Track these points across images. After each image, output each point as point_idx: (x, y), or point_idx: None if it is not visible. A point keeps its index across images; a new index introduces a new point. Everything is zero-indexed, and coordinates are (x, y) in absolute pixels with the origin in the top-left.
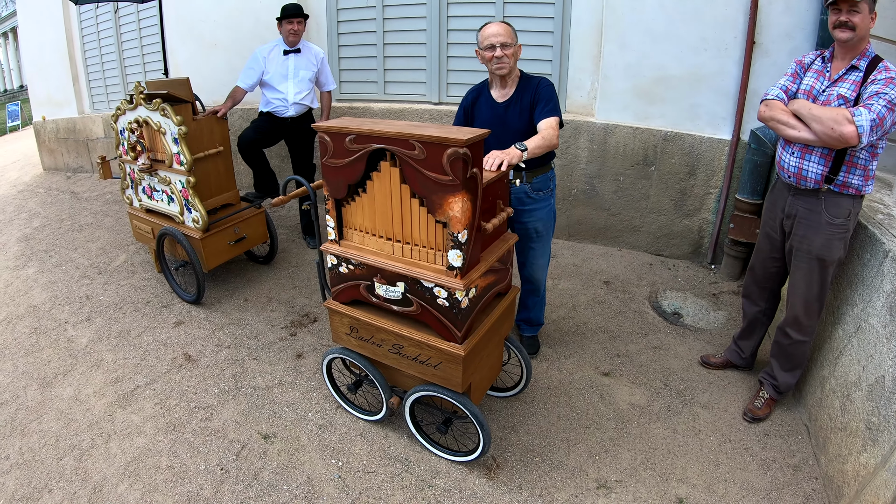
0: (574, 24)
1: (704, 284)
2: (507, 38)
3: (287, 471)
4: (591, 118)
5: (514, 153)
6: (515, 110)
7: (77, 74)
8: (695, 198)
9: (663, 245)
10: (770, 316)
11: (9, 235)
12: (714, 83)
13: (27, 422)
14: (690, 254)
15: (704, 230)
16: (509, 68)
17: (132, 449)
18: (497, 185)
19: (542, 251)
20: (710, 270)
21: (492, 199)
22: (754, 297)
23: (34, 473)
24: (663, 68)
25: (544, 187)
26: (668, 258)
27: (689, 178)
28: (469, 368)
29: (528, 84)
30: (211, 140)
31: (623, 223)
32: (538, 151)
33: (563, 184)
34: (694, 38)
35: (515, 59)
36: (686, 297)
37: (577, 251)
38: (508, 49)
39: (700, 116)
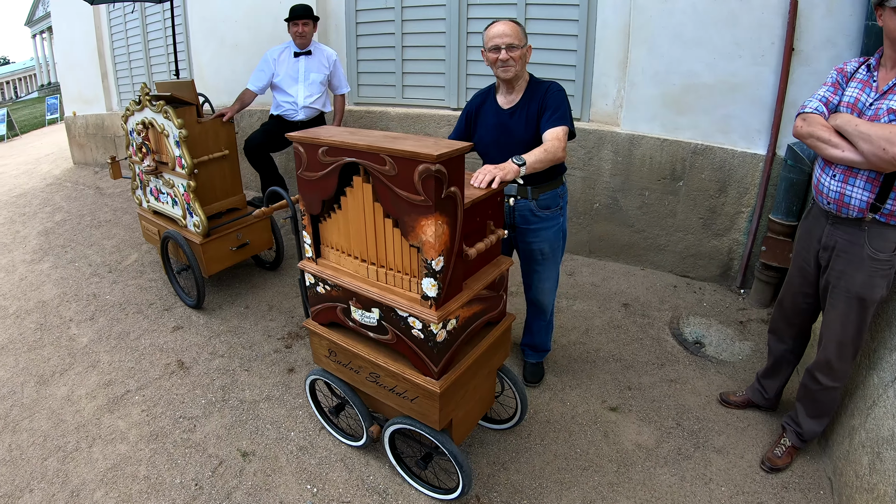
0: (600, 26)
1: (732, 311)
2: (513, 38)
3: (260, 493)
4: (615, 128)
5: (509, 168)
6: (521, 118)
7: (106, 72)
8: (725, 216)
9: (689, 266)
10: (798, 354)
11: (31, 229)
12: (749, 93)
13: (20, 419)
14: (718, 276)
15: (734, 252)
16: (515, 72)
17: (113, 455)
18: (487, 205)
19: (547, 274)
20: (739, 295)
21: (480, 221)
22: (782, 334)
23: (18, 472)
24: (694, 75)
25: (552, 205)
26: (694, 280)
27: (719, 195)
28: (448, 405)
29: (536, 90)
30: (216, 143)
31: (647, 241)
32: (539, 166)
33: (584, 197)
34: (728, 44)
35: (524, 62)
36: (710, 324)
37: (596, 269)
38: (515, 51)
39: (733, 128)
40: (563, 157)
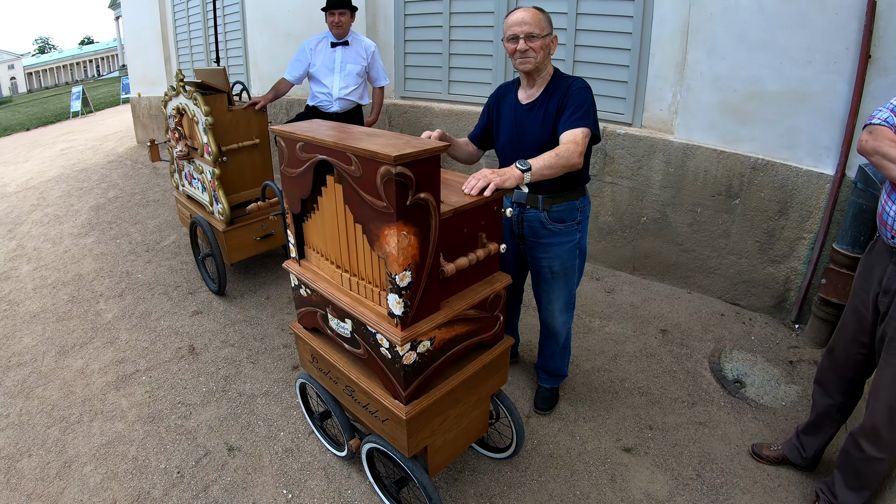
0: (656, 24)
1: (782, 347)
2: (533, 27)
3: (236, 491)
4: (669, 136)
5: (509, 174)
6: (538, 116)
7: (169, 55)
8: (784, 241)
9: (741, 293)
10: (846, 412)
11: (84, 203)
12: (818, 104)
13: (35, 386)
14: (772, 307)
15: (792, 282)
16: (534, 64)
17: (110, 432)
18: (477, 215)
19: (557, 295)
20: (793, 331)
21: (468, 233)
22: (829, 387)
23: (23, 436)
24: (758, 82)
25: (568, 218)
26: (744, 309)
27: (779, 217)
28: (420, 433)
29: (558, 85)
30: (248, 132)
31: (696, 262)
32: (548, 172)
33: (631, 209)
34: (797, 48)
35: (546, 53)
36: (756, 361)
37: (638, 288)
38: (535, 41)
39: (798, 143)
40: (578, 163)
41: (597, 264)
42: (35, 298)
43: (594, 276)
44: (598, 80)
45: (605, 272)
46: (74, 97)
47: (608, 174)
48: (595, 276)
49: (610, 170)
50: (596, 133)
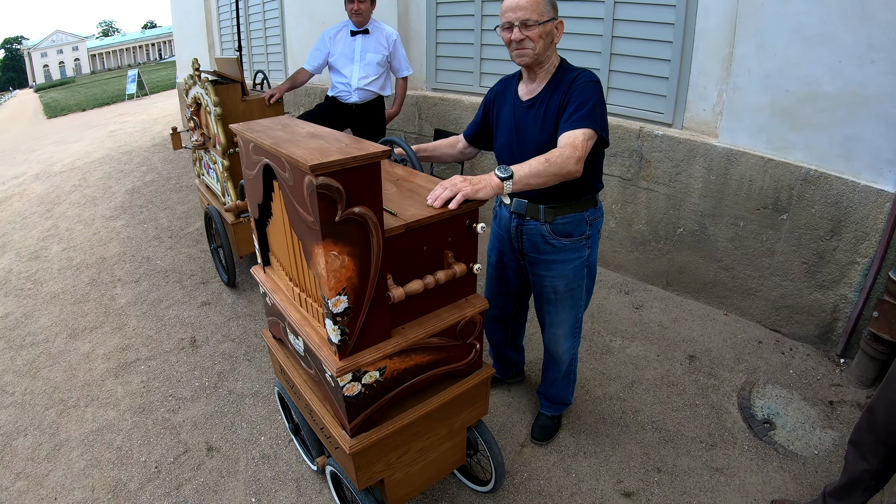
0: (701, 14)
1: (823, 385)
2: (530, 12)
3: (207, 493)
4: (712, 139)
5: (483, 184)
6: (538, 115)
7: (213, 42)
8: (835, 265)
9: (783, 319)
10: (882, 481)
11: (122, 186)
12: (881, 109)
13: (42, 366)
14: (816, 338)
15: (840, 310)
16: (532, 56)
17: (101, 419)
18: (441, 230)
19: (562, 318)
20: (837, 366)
21: (429, 251)
22: (865, 450)
23: (22, 415)
24: (813, 82)
25: (575, 232)
26: (784, 337)
27: (830, 238)
28: (371, 466)
29: (562, 78)
30: None
31: (736, 281)
32: (536, 182)
33: (667, 219)
34: (859, 45)
35: (546, 42)
36: (791, 398)
37: (670, 306)
38: (532, 29)
39: (857, 154)
40: (575, 171)
41: (627, 276)
42: (58, 279)
43: (623, 289)
44: (636, 75)
45: (635, 286)
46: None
47: (643, 179)
48: (624, 289)
49: (646, 174)
50: (602, 135)
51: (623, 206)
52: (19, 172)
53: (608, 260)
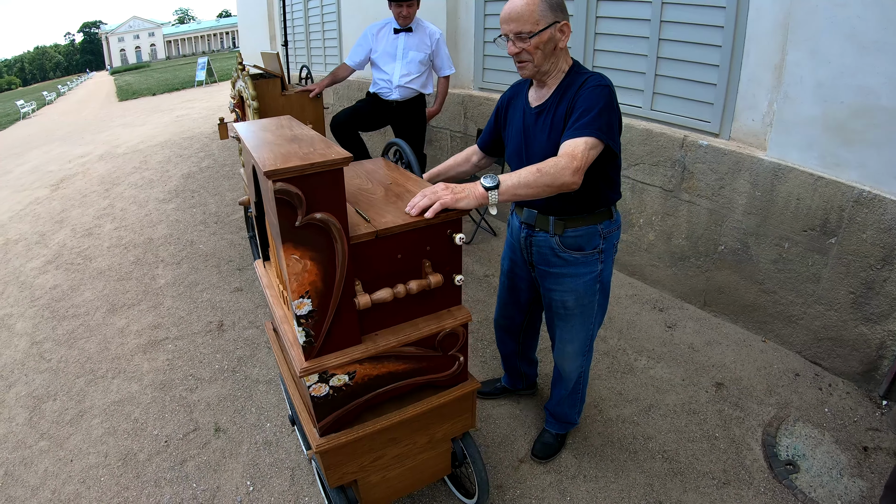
0: (752, 17)
1: (859, 428)
2: (521, 23)
3: (207, 471)
4: (759, 152)
5: (466, 193)
6: (545, 123)
7: (274, 34)
8: (884, 297)
9: (824, 352)
10: None
11: (178, 170)
12: None
13: (79, 338)
14: (858, 375)
15: (887, 348)
16: (532, 70)
17: (124, 392)
18: (418, 239)
19: (572, 336)
20: (878, 407)
21: (403, 259)
22: None
23: (54, 381)
24: (870, 94)
25: (587, 246)
26: (824, 371)
27: (881, 267)
28: (341, 466)
29: (572, 83)
30: (301, 117)
31: (777, 306)
32: (525, 192)
33: (708, 235)
34: None
35: (547, 52)
36: (822, 440)
37: (704, 327)
38: (527, 41)
39: None
40: (571, 182)
41: (664, 292)
42: (107, 256)
43: (658, 305)
44: (683, 80)
45: (671, 303)
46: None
47: (685, 191)
48: (659, 305)
49: (688, 186)
50: (608, 143)
51: (663, 218)
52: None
53: (645, 274)
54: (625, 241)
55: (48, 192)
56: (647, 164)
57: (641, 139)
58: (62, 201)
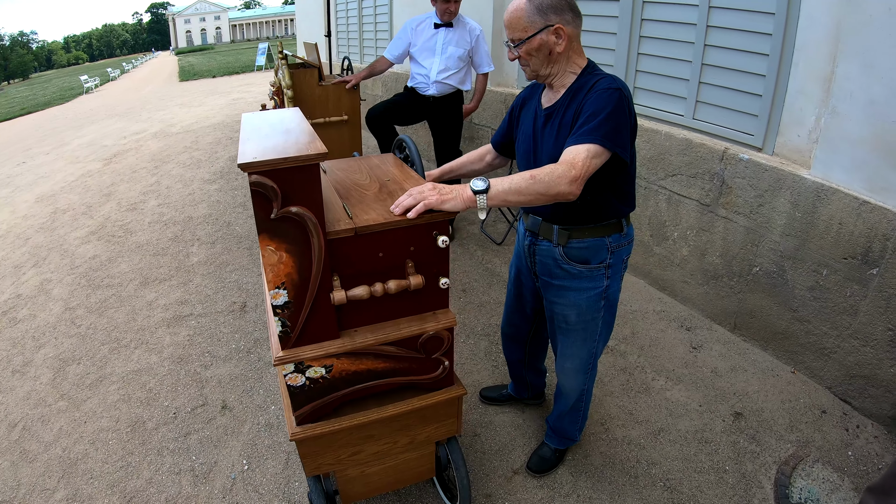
0: (802, 26)
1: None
2: (512, 31)
3: (207, 446)
4: (802, 170)
5: (454, 195)
6: (554, 125)
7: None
8: None
9: (855, 390)
10: None
11: (227, 152)
12: None
13: (109, 307)
14: (890, 419)
15: None
16: (531, 73)
17: (143, 362)
18: (401, 239)
19: (572, 352)
20: None
21: (385, 258)
22: None
23: (81, 346)
24: None
25: (592, 259)
26: (853, 410)
27: None
28: (317, 456)
29: (583, 85)
30: (337, 108)
31: (810, 337)
32: (516, 199)
33: (743, 254)
34: None
35: (542, 57)
36: (840, 485)
37: (731, 351)
38: (522, 46)
39: None
40: (567, 192)
41: (693, 311)
42: (146, 231)
43: (685, 324)
44: (727, 89)
45: (699, 322)
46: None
47: (723, 206)
48: (686, 324)
49: (725, 201)
50: (615, 151)
51: (698, 233)
52: (141, 129)
53: (676, 290)
54: (657, 254)
55: (100, 165)
56: (685, 176)
57: (680, 148)
58: (112, 175)
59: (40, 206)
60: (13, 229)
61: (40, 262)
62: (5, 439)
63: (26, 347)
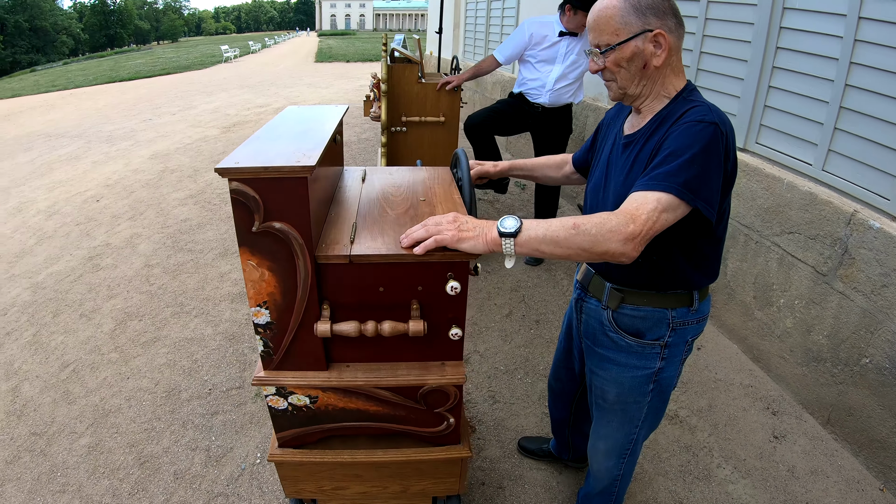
0: None
1: None
2: (598, 34)
3: (229, 430)
4: None
5: (476, 233)
6: (629, 157)
7: (458, 21)
8: None
9: None
10: None
11: None
12: None
13: (185, 272)
14: None
15: None
16: (618, 90)
17: (198, 332)
18: (406, 275)
19: (606, 432)
20: None
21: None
22: None
23: (148, 304)
24: None
25: (648, 333)
26: None
27: None
28: (298, 481)
29: (672, 112)
30: (435, 108)
31: None
32: (550, 251)
33: (854, 340)
34: None
35: (635, 70)
36: None
37: (817, 450)
38: (608, 55)
39: None
40: (619, 252)
41: (785, 393)
42: None
43: (772, 407)
44: (866, 140)
45: (789, 408)
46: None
47: (841, 279)
48: (773, 408)
49: (844, 273)
50: (696, 205)
51: (808, 305)
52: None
53: (771, 365)
54: (758, 319)
55: (218, 132)
56: (804, 236)
57: (803, 203)
58: (226, 143)
59: (152, 163)
60: (122, 181)
61: (137, 216)
62: (55, 377)
63: (99, 295)
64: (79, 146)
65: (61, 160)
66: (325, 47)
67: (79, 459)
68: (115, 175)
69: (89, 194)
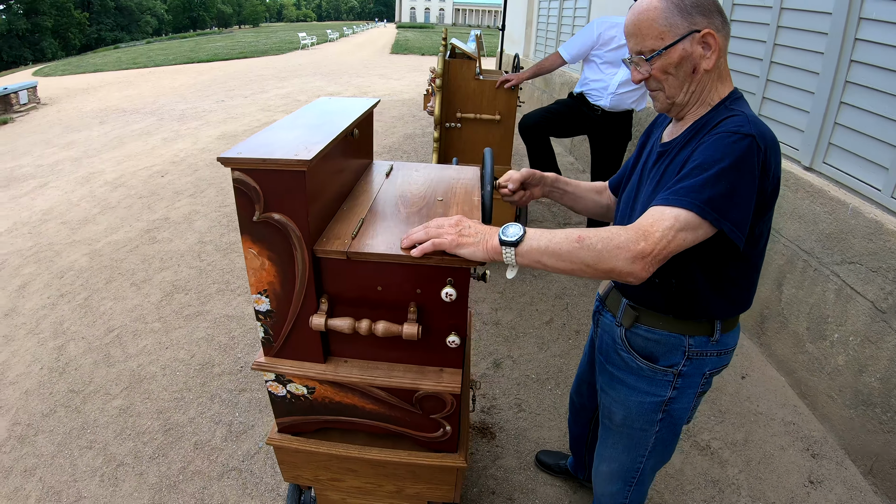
0: None
1: None
2: (640, 39)
3: (253, 408)
4: None
5: (475, 239)
6: (661, 167)
7: (531, 20)
8: None
9: None
10: None
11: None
12: None
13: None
14: None
15: None
16: (665, 100)
17: (239, 311)
18: (405, 277)
19: (610, 453)
20: None
21: (385, 293)
22: None
23: (196, 279)
24: None
25: (662, 358)
26: None
27: None
28: (295, 467)
29: (710, 121)
30: (491, 106)
31: None
32: (552, 263)
33: None
34: None
35: (683, 76)
36: None
37: (853, 499)
38: (652, 62)
39: None
40: (626, 271)
41: (829, 435)
42: None
43: (813, 449)
44: None
45: (830, 452)
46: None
47: None
48: (813, 450)
49: None
50: (721, 227)
51: (863, 343)
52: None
53: (817, 403)
54: (809, 352)
55: None
56: (866, 268)
57: (867, 231)
58: None
59: (219, 143)
60: (188, 158)
61: (197, 193)
62: (99, 340)
63: (152, 267)
64: (151, 122)
65: (133, 135)
66: (402, 39)
67: (109, 420)
68: (182, 152)
69: (155, 169)
